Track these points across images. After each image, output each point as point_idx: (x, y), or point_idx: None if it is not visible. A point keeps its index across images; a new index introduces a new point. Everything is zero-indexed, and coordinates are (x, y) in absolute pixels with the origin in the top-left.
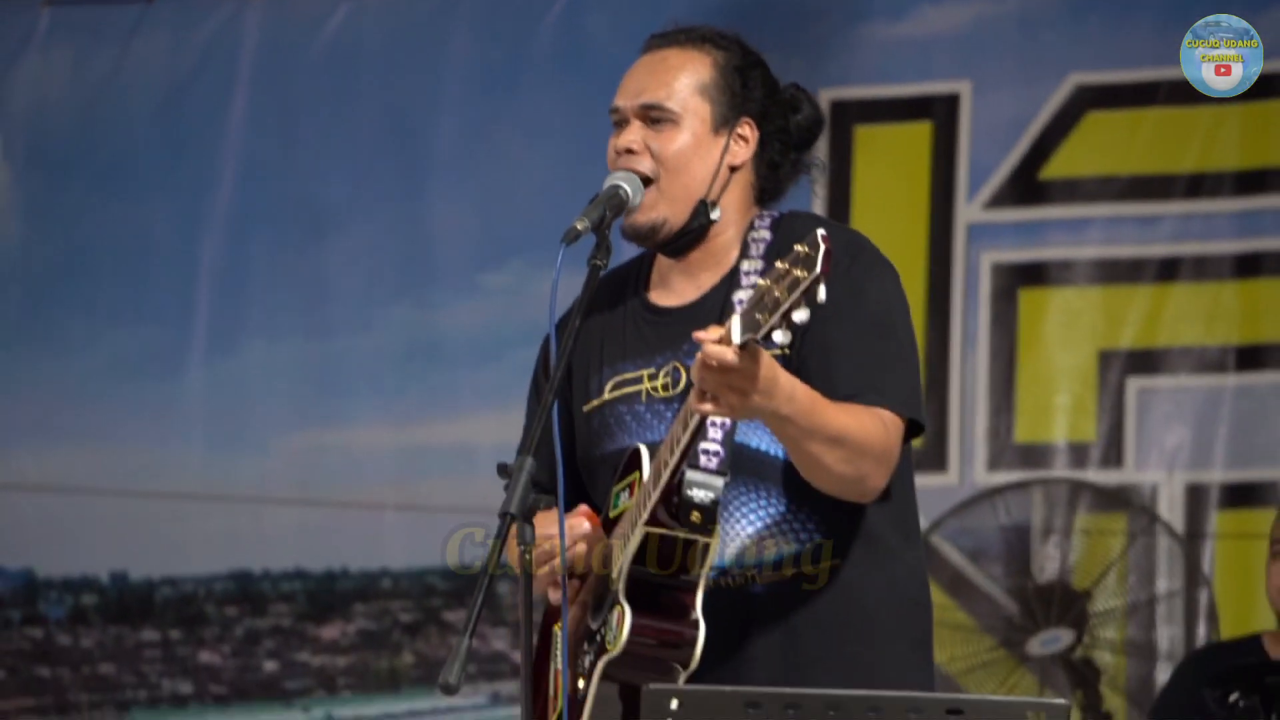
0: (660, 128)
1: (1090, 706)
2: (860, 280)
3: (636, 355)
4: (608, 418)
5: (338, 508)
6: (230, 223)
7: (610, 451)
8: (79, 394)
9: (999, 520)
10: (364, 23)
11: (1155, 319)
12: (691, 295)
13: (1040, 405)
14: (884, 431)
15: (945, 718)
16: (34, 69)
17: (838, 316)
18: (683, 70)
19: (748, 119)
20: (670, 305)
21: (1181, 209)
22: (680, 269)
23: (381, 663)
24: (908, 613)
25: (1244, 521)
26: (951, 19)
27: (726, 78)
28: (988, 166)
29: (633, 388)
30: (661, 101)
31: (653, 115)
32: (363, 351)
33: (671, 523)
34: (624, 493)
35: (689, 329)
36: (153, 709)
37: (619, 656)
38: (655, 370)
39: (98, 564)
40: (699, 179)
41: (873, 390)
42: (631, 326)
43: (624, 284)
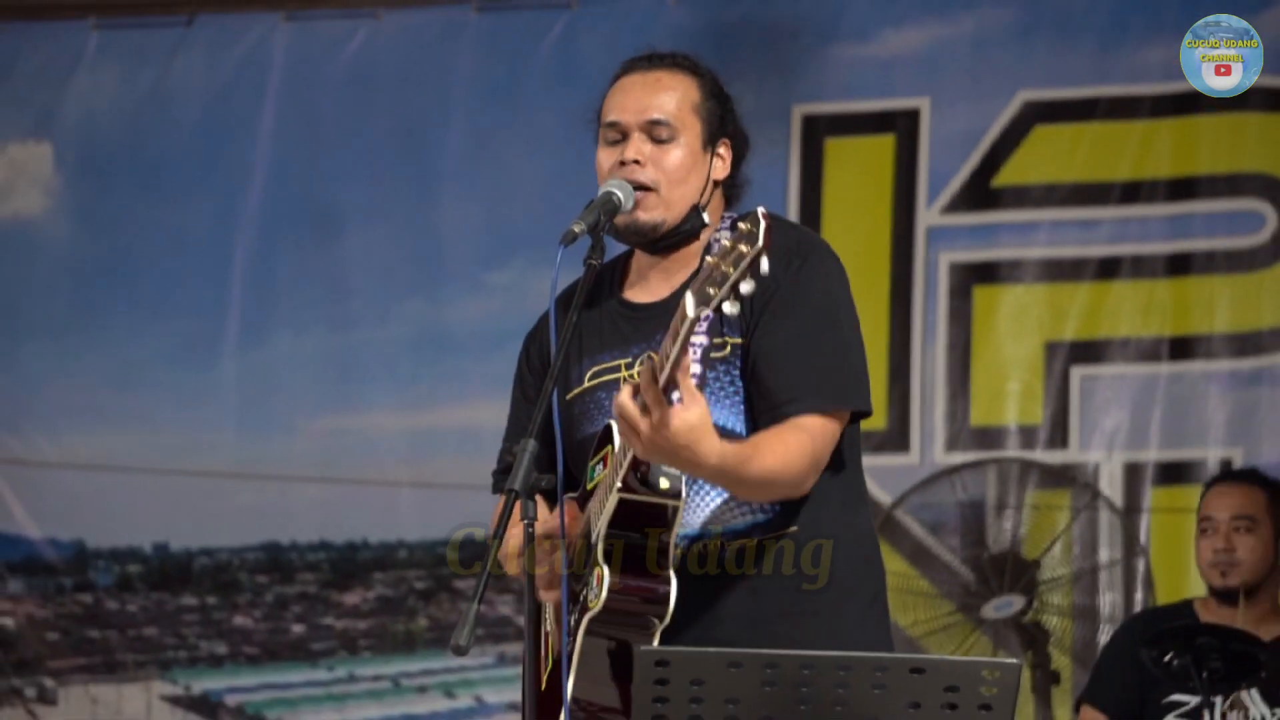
0: (662, 144)
1: (1040, 665)
2: (808, 277)
3: (614, 347)
4: (588, 403)
5: (357, 485)
6: (260, 224)
7: (590, 434)
8: (123, 381)
9: (956, 496)
10: (381, 43)
11: (1096, 313)
12: (665, 292)
13: (993, 392)
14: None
15: (909, 676)
16: (84, 85)
17: (785, 316)
18: (678, 90)
19: (725, 139)
20: (645, 301)
21: (1119, 213)
22: (659, 268)
23: (398, 626)
24: (862, 570)
25: (1176, 497)
26: (912, 41)
27: (710, 101)
28: (945, 175)
29: (611, 376)
30: (667, 117)
31: (656, 131)
32: (379, 342)
33: (641, 488)
34: (599, 466)
35: (662, 323)
36: (191, 668)
37: (600, 613)
38: (631, 360)
39: (142, 536)
40: (693, 189)
41: (811, 395)
42: (609, 321)
43: (598, 284)
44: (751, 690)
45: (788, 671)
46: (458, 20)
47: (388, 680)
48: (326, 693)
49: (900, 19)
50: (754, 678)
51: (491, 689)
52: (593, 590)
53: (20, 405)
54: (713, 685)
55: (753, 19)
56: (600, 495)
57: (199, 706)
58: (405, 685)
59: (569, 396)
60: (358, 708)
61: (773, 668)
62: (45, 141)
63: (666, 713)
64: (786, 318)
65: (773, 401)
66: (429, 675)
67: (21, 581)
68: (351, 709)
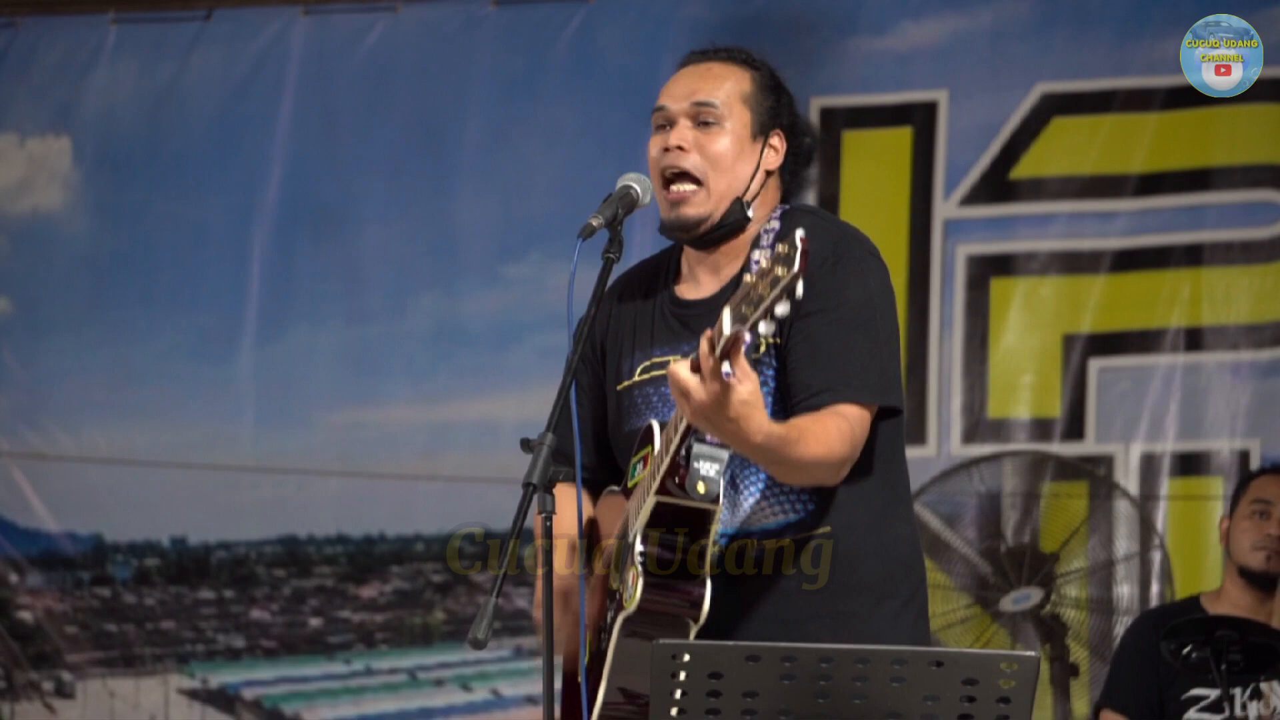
0: (708, 128)
1: (1058, 658)
2: (844, 277)
3: (664, 343)
4: (636, 398)
5: (375, 478)
6: (278, 218)
7: (636, 428)
8: (142, 375)
9: (974, 488)
10: (398, 37)
11: (1112, 305)
12: (713, 288)
13: (1010, 384)
14: (847, 431)
15: (927, 669)
16: (103, 79)
17: (821, 311)
18: (727, 79)
19: (779, 131)
20: (694, 298)
21: (1135, 205)
22: (707, 263)
23: (415, 619)
24: (899, 573)
25: (1193, 487)
26: (930, 34)
27: (763, 92)
28: (963, 167)
29: (661, 371)
30: (713, 99)
31: (702, 115)
32: (396, 336)
33: (679, 493)
34: (639, 464)
35: (709, 320)
36: (209, 661)
37: (634, 614)
38: (681, 357)
39: (160, 529)
40: (740, 178)
41: (845, 386)
42: (660, 316)
43: (655, 276)
44: (770, 684)
45: (806, 665)
46: (475, 14)
47: (404, 673)
48: (344, 686)
49: (918, 11)
50: (772, 671)
51: (508, 682)
52: (628, 590)
53: (39, 399)
54: (731, 679)
55: (770, 12)
56: (638, 496)
57: (216, 700)
58: (422, 678)
59: (619, 388)
60: (374, 701)
61: (791, 661)
62: (64, 136)
63: (684, 706)
64: (823, 316)
65: (808, 391)
66: (446, 668)
67: (40, 575)
68: (368, 702)
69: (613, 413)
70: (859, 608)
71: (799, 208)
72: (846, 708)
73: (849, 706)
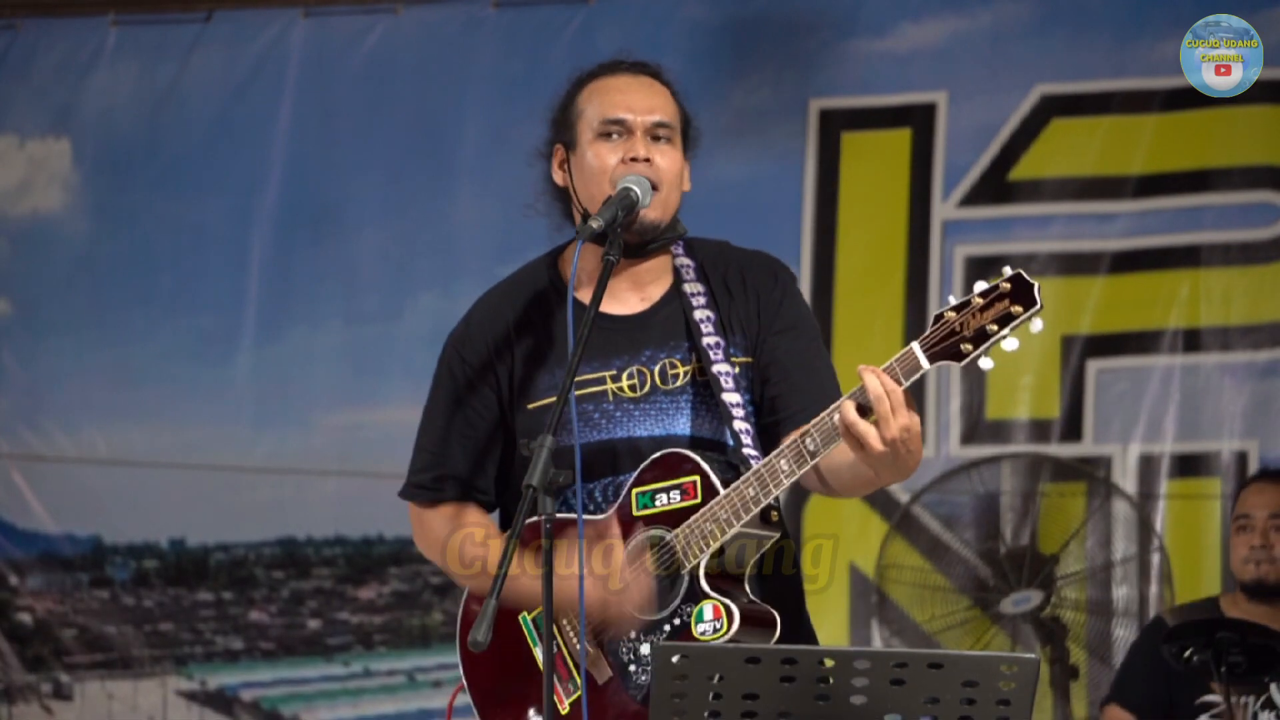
0: (661, 145)
1: (1058, 660)
2: (794, 297)
3: (595, 359)
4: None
5: (373, 479)
6: (277, 219)
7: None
8: (141, 376)
9: (973, 490)
10: (398, 39)
11: (1111, 306)
12: (638, 306)
13: (1008, 385)
14: None
15: (927, 671)
16: (103, 81)
17: (792, 330)
18: (670, 98)
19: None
20: (620, 314)
21: (1133, 207)
22: (629, 277)
23: (414, 621)
24: None
25: (1192, 489)
26: (929, 35)
27: (687, 118)
28: (962, 169)
29: (596, 388)
30: (669, 120)
31: (658, 132)
32: (395, 337)
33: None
34: (664, 494)
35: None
36: (208, 663)
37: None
38: (617, 373)
39: (158, 531)
40: (679, 194)
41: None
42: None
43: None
44: (770, 686)
45: (806, 667)
46: (475, 15)
47: (403, 675)
48: (342, 687)
49: (917, 13)
50: (772, 674)
51: None
52: (709, 623)
53: (38, 400)
54: (731, 681)
55: (769, 13)
56: (696, 529)
57: (215, 701)
58: (420, 680)
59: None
60: (373, 702)
61: (791, 664)
62: (64, 138)
63: (686, 708)
64: (794, 334)
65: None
66: (444, 670)
67: (39, 577)
68: (367, 704)
69: (526, 430)
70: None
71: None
72: (846, 710)
73: (849, 708)
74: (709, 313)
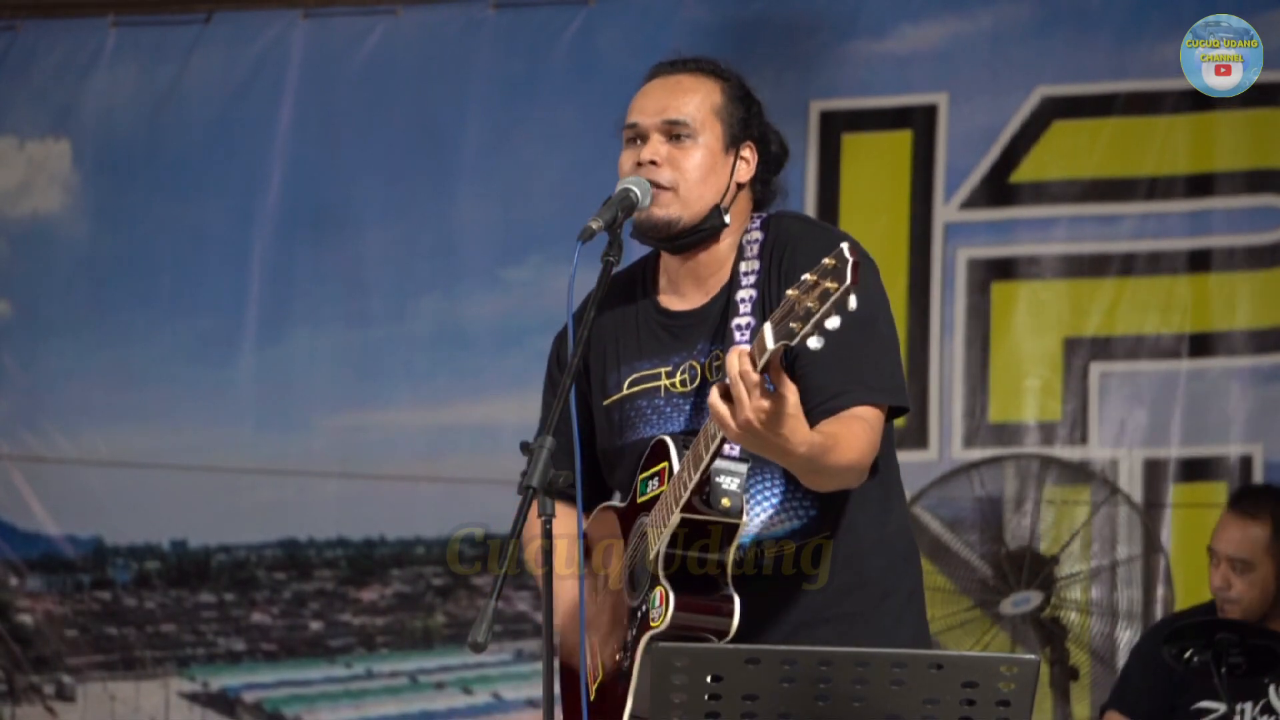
0: (681, 143)
1: (1058, 661)
2: None
3: (652, 355)
4: (628, 411)
5: (375, 481)
6: (277, 221)
7: (633, 441)
8: (142, 378)
9: (974, 492)
10: (399, 40)
11: (1115, 309)
12: (699, 300)
13: (1011, 388)
14: (870, 434)
15: (927, 672)
16: (103, 82)
17: None
18: (698, 92)
19: (750, 142)
20: (681, 309)
21: (1137, 209)
22: (688, 273)
23: (416, 622)
24: (899, 568)
25: (1197, 493)
26: (930, 36)
27: (734, 103)
28: (963, 171)
29: (651, 384)
30: (685, 117)
31: (675, 130)
32: (397, 339)
33: (704, 508)
34: (652, 480)
35: (699, 331)
36: (209, 664)
37: (664, 631)
38: (672, 369)
39: (160, 533)
40: (714, 190)
41: (862, 388)
42: (646, 329)
43: (632, 287)
44: (769, 687)
45: (805, 668)
46: (476, 17)
47: (405, 677)
48: (344, 689)
49: (918, 14)
50: (772, 674)
51: (509, 685)
52: (655, 609)
53: (38, 402)
54: (731, 682)
55: (770, 15)
56: (659, 513)
57: (217, 703)
58: (423, 682)
59: (606, 403)
60: (375, 704)
61: (790, 664)
62: (64, 139)
63: (685, 709)
64: None
65: (825, 394)
66: (446, 671)
67: (40, 578)
68: (369, 705)
69: (601, 427)
70: (863, 607)
71: (783, 213)
72: (846, 710)
73: (849, 709)
74: (752, 292)
